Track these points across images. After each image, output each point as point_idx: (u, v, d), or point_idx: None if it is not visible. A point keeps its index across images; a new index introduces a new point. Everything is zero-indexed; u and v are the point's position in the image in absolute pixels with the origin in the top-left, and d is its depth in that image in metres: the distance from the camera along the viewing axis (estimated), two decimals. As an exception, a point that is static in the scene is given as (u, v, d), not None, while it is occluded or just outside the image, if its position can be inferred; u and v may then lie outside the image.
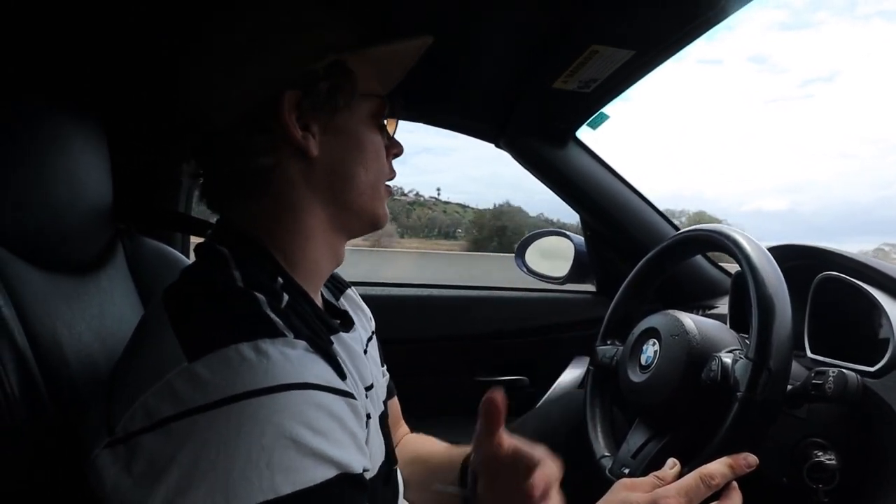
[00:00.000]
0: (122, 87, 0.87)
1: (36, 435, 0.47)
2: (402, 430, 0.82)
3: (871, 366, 0.66)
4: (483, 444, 0.56)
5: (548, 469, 0.54)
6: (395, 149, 0.61)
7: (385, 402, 0.67)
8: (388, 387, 0.75)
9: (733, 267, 1.22)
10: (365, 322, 0.72)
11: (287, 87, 0.51)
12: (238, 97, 0.52)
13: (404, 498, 0.70)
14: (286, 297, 0.48)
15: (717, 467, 0.55)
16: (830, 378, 0.59)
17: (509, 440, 0.55)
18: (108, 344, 0.59)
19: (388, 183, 0.60)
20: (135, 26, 0.75)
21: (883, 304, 0.68)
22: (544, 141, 1.24)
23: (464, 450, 0.68)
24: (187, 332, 0.42)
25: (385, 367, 0.75)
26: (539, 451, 0.55)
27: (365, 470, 0.45)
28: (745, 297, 0.63)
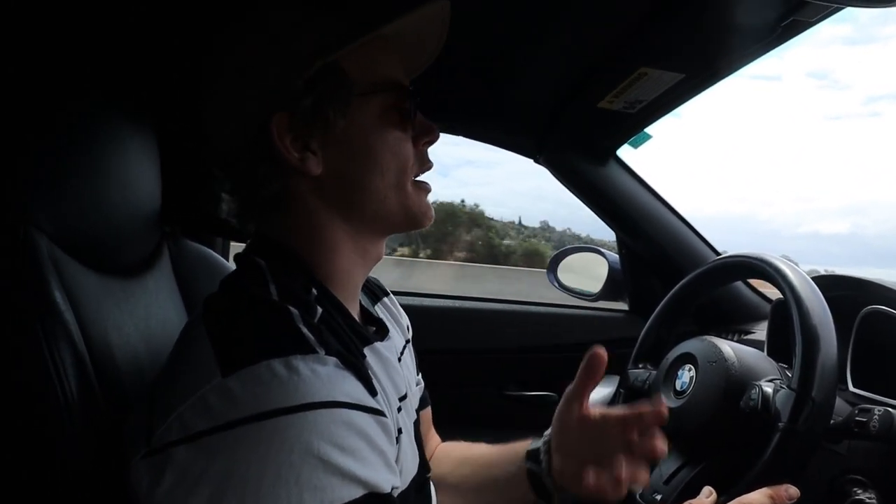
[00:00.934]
0: (171, 90, 0.89)
1: (92, 437, 0.47)
2: (434, 440, 0.82)
3: (917, 404, 0.64)
4: (569, 406, 0.60)
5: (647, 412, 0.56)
6: (426, 136, 0.56)
7: (417, 411, 0.67)
8: (423, 396, 0.75)
9: (771, 292, 1.20)
10: (402, 330, 0.72)
11: (274, 110, 0.49)
12: (233, 128, 0.51)
13: (463, 501, 0.70)
14: (319, 310, 0.49)
15: (759, 498, 0.54)
16: (876, 416, 0.58)
17: (593, 407, 0.59)
18: (152, 345, 0.60)
19: (420, 178, 0.56)
20: (173, 33, 0.77)
21: (931, 341, 0.66)
22: (584, 158, 1.24)
23: (519, 444, 0.69)
24: (222, 347, 0.43)
25: (420, 374, 0.75)
26: (633, 408, 0.57)
27: (394, 488, 0.45)
28: (787, 326, 0.63)
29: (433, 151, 0.58)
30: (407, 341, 0.72)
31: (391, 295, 0.75)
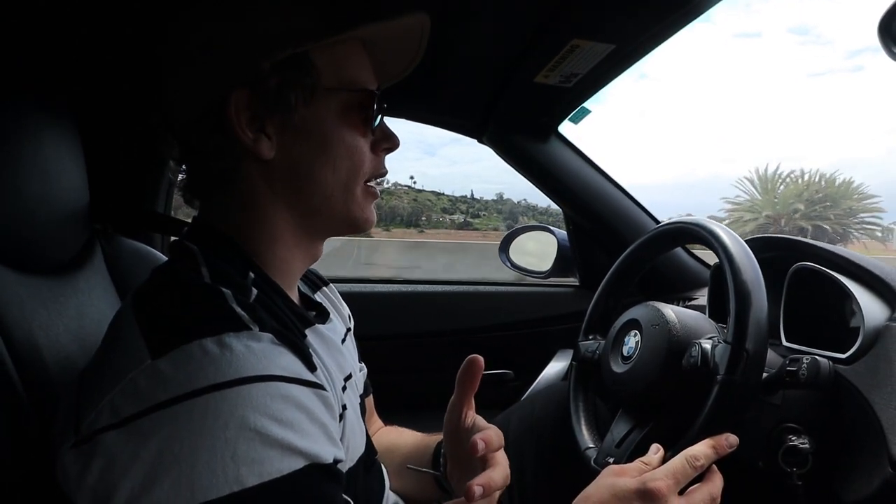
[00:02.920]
0: (98, 81, 0.86)
1: (15, 438, 0.46)
2: (376, 424, 0.83)
3: (843, 353, 0.68)
4: (453, 415, 0.61)
5: (493, 434, 0.57)
6: (385, 143, 0.57)
7: (361, 397, 0.68)
8: (365, 384, 0.75)
9: (712, 260, 1.25)
10: (343, 319, 0.72)
11: (234, 86, 0.49)
12: (192, 98, 0.51)
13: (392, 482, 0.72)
14: (255, 291, 0.48)
15: (701, 448, 0.56)
16: (804, 365, 0.61)
17: (472, 413, 0.61)
18: (86, 345, 0.58)
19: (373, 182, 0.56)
20: (110, 20, 0.74)
21: (854, 293, 0.70)
22: (527, 136, 1.25)
23: (436, 436, 0.72)
24: (152, 330, 0.42)
25: (362, 363, 0.75)
26: (485, 422, 0.60)
27: (338, 461, 0.45)
28: (724, 288, 0.65)
29: (420, 130, 0.59)
30: (348, 329, 0.72)
31: (331, 285, 0.74)
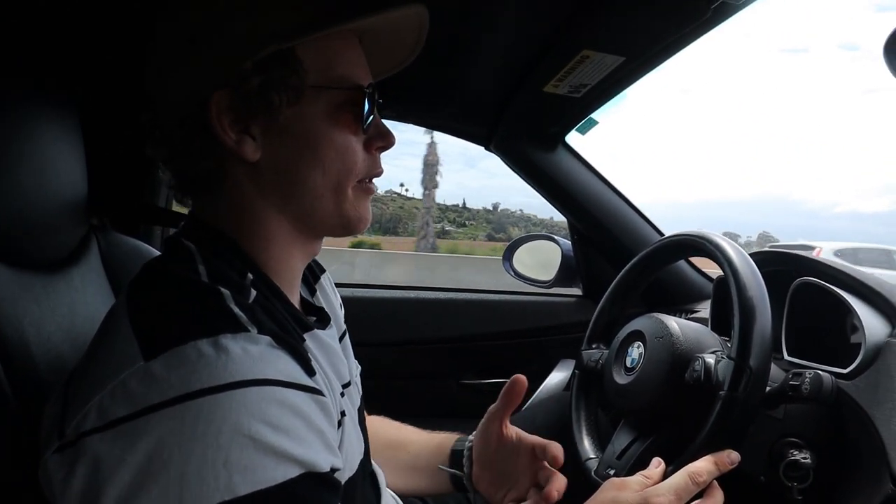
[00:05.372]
0: (100, 71, 0.84)
1: (1, 440, 0.45)
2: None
3: (844, 368, 0.68)
4: (492, 423, 0.66)
5: (555, 450, 0.64)
6: (380, 142, 0.54)
7: (361, 402, 0.66)
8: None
9: (714, 272, 1.25)
10: (337, 319, 0.70)
11: (216, 87, 0.47)
12: (174, 98, 0.49)
13: (387, 476, 0.72)
14: (254, 292, 0.46)
15: (703, 465, 0.56)
16: (807, 379, 0.61)
17: (521, 432, 0.65)
18: (78, 344, 0.57)
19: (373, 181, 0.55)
20: (103, 16, 0.73)
21: (856, 308, 0.70)
22: (534, 145, 1.26)
23: (445, 436, 0.75)
24: (145, 330, 0.41)
25: (356, 361, 0.75)
26: (542, 440, 0.65)
27: (335, 469, 0.44)
28: (727, 301, 0.65)
29: (462, 143, 0.59)
30: (344, 332, 0.71)
31: (327, 273, 0.72)
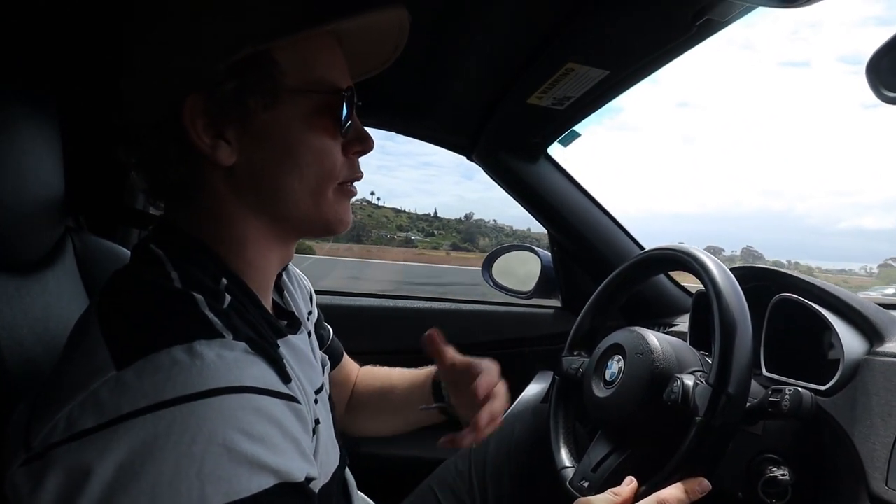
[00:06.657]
0: (79, 72, 0.82)
1: None
2: (354, 366, 0.86)
3: (821, 384, 0.69)
4: (439, 361, 0.69)
5: (489, 374, 0.66)
6: (359, 146, 0.53)
7: (333, 412, 0.65)
8: (337, 351, 0.79)
9: (693, 285, 1.26)
10: (305, 298, 0.71)
11: (189, 91, 0.45)
12: (147, 103, 0.48)
13: (381, 427, 0.81)
14: (228, 297, 0.46)
15: (673, 492, 0.57)
16: (787, 396, 0.61)
17: (457, 356, 0.69)
18: (51, 348, 0.56)
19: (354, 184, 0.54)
20: (81, 17, 0.71)
21: (835, 325, 0.70)
22: (516, 156, 1.26)
23: (423, 371, 0.78)
24: (117, 339, 0.40)
25: (327, 325, 0.78)
26: (481, 361, 0.69)
27: (310, 479, 0.43)
28: (707, 317, 0.65)
29: (460, 156, 0.58)
30: (309, 312, 0.71)
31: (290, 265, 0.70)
